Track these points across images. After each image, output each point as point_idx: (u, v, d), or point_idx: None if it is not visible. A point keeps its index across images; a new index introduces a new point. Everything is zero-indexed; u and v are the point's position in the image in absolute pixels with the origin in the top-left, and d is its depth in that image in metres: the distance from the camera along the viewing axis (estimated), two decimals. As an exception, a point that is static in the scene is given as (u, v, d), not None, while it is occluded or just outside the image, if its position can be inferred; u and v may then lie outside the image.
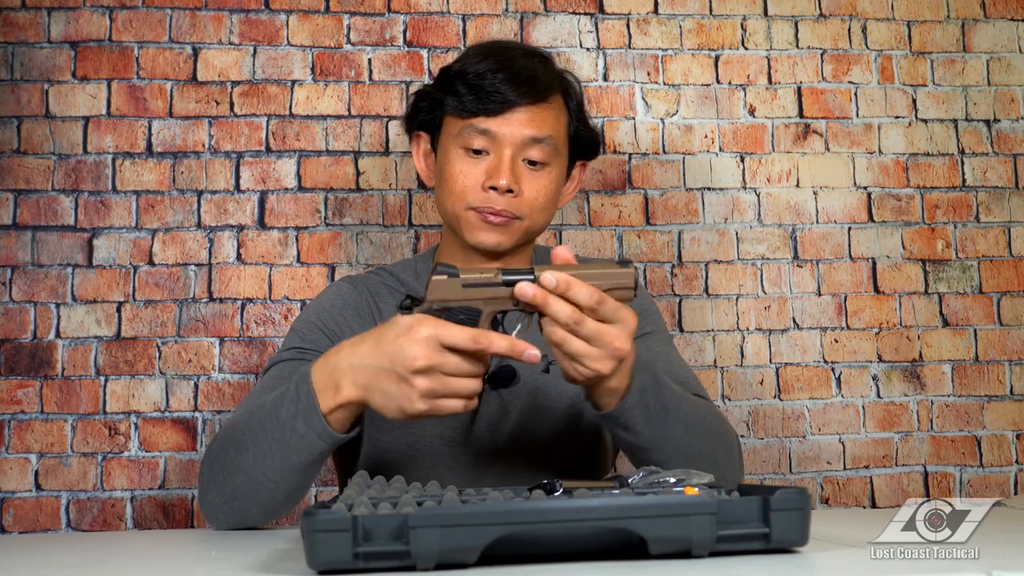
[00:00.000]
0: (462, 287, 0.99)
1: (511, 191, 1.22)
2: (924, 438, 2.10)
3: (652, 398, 1.07)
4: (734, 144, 2.14)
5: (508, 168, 1.22)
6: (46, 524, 1.93)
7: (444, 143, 1.28)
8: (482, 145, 1.23)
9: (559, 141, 1.27)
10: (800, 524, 0.77)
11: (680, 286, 2.10)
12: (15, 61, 2.03)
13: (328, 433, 1.02)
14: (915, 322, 2.12)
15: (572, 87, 1.32)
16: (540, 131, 1.24)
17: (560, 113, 1.28)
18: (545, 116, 1.25)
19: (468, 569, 0.74)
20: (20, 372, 1.96)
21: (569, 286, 0.95)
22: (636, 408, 1.05)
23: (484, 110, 1.22)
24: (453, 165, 1.25)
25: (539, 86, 1.24)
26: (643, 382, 1.06)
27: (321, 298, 1.34)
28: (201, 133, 2.05)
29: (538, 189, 1.25)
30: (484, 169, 1.24)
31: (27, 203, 2.00)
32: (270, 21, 2.09)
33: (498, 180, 1.22)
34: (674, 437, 1.09)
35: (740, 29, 2.18)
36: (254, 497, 1.08)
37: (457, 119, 1.25)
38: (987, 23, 2.22)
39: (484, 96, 1.22)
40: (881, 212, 2.15)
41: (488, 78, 1.23)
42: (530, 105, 1.24)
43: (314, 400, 1.01)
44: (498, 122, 1.23)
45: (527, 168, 1.25)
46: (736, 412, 2.08)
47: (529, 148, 1.24)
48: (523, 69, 1.24)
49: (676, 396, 1.11)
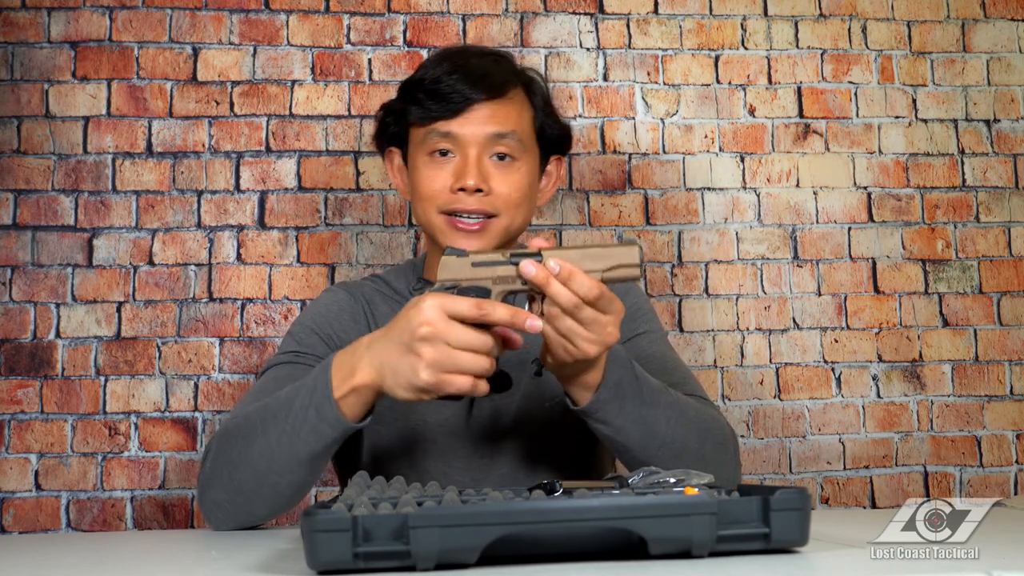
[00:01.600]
0: (471, 266, 1.01)
1: (480, 190, 1.23)
2: (924, 438, 2.10)
3: (629, 392, 1.07)
4: (734, 144, 2.14)
5: (474, 167, 1.23)
6: (46, 524, 1.93)
7: (412, 153, 1.29)
8: (446, 147, 1.25)
9: (524, 136, 1.28)
10: (800, 524, 0.77)
11: (680, 286, 2.10)
12: (15, 61, 2.03)
13: (339, 420, 1.02)
14: (915, 322, 2.12)
15: (535, 82, 1.33)
16: (502, 126, 1.25)
17: (523, 108, 1.29)
18: (507, 111, 1.26)
19: (468, 569, 0.74)
20: (20, 372, 1.96)
21: (571, 276, 0.96)
22: (612, 402, 1.06)
23: (444, 112, 1.24)
24: (420, 172, 1.26)
25: (495, 81, 1.25)
26: (619, 376, 1.06)
27: (318, 303, 1.35)
28: (201, 133, 2.05)
29: (509, 185, 1.26)
30: (451, 171, 1.25)
31: (27, 203, 2.00)
32: (270, 21, 2.09)
33: (465, 180, 1.22)
34: (657, 433, 1.09)
35: (740, 29, 2.18)
36: (259, 491, 1.08)
37: (420, 127, 1.26)
38: (987, 23, 2.22)
39: (442, 98, 1.23)
40: (881, 212, 2.15)
41: (444, 80, 1.24)
42: (489, 101, 1.24)
43: (329, 388, 1.01)
44: (459, 122, 1.24)
45: (495, 165, 1.25)
46: (736, 412, 2.08)
47: (494, 144, 1.25)
48: (477, 67, 1.26)
49: (655, 390, 1.11)
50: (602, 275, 0.99)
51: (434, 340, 0.94)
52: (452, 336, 0.94)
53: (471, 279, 1.01)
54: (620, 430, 1.08)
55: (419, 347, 0.94)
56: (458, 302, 0.95)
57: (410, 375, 0.96)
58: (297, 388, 1.06)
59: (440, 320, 0.94)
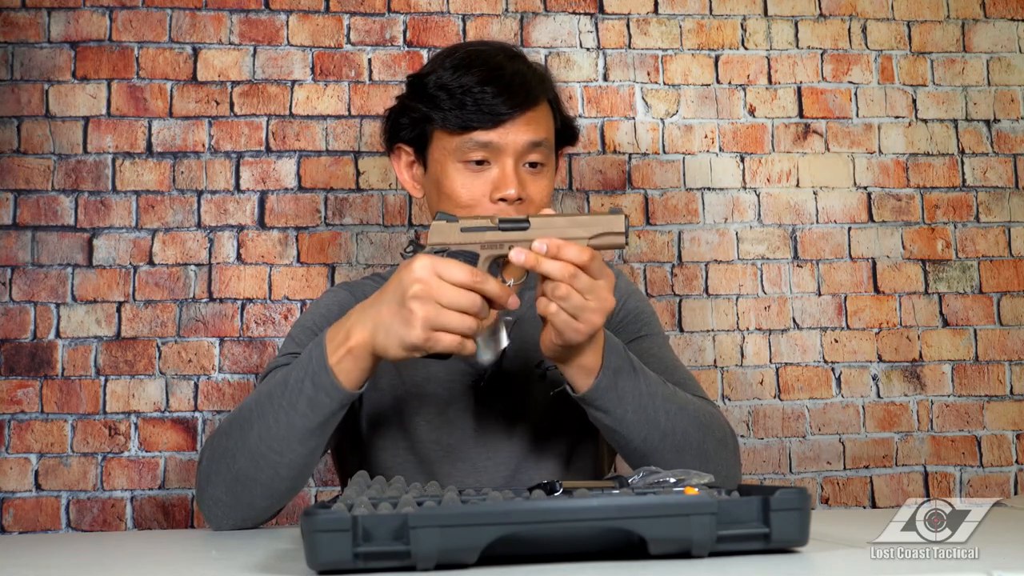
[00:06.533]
0: (460, 231, 1.04)
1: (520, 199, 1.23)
2: (924, 438, 2.10)
3: (627, 380, 1.08)
4: (734, 144, 2.14)
5: (514, 177, 1.22)
6: (46, 524, 1.93)
7: (437, 157, 1.27)
8: (483, 156, 1.23)
9: (552, 140, 1.29)
10: (800, 524, 0.77)
11: (680, 286, 2.10)
12: (15, 61, 2.03)
13: (335, 387, 1.03)
14: (915, 322, 2.12)
15: (548, 82, 1.32)
16: (538, 135, 1.25)
17: (548, 112, 1.29)
18: (539, 119, 1.26)
19: (468, 569, 0.74)
20: (20, 372, 1.96)
21: (559, 249, 0.99)
22: (612, 389, 1.07)
23: (481, 124, 1.22)
24: (454, 180, 1.24)
25: (532, 94, 1.24)
26: (617, 364, 1.08)
27: (319, 303, 1.35)
28: (201, 133, 2.05)
29: (540, 190, 1.26)
30: (489, 180, 1.23)
31: (27, 203, 2.00)
32: (270, 21, 2.09)
33: (507, 191, 1.22)
34: (658, 424, 1.09)
35: (740, 29, 2.18)
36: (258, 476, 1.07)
37: (453, 135, 1.24)
38: (987, 23, 2.22)
39: (478, 111, 1.22)
40: (881, 212, 2.15)
41: (477, 91, 1.22)
42: (526, 112, 1.24)
43: (324, 358, 1.03)
44: (498, 133, 1.22)
45: (528, 172, 1.25)
46: (736, 412, 2.08)
47: (529, 153, 1.24)
48: (513, 78, 1.24)
49: (654, 381, 1.12)
50: (588, 242, 1.02)
51: (425, 298, 0.97)
52: (443, 295, 0.97)
53: (460, 244, 1.04)
54: (621, 420, 1.09)
55: (411, 304, 0.97)
56: (453, 267, 0.98)
57: (402, 331, 0.98)
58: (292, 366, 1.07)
59: (432, 279, 0.97)
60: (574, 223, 1.02)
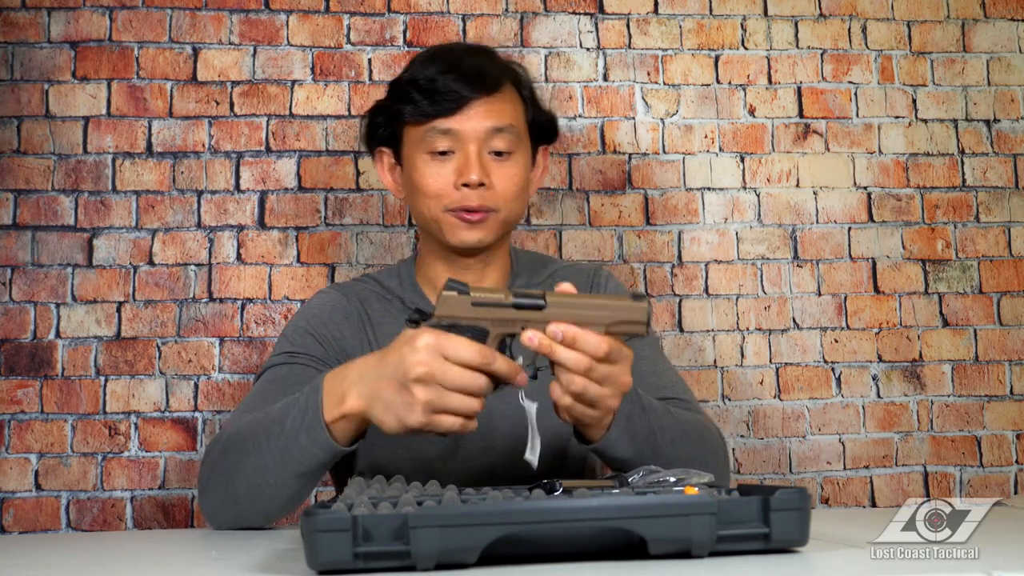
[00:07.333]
0: (471, 305, 0.97)
1: (483, 184, 1.25)
2: (924, 438, 2.10)
3: (639, 425, 1.08)
4: (734, 144, 2.14)
5: (476, 162, 1.25)
6: (46, 524, 1.93)
7: (408, 152, 1.31)
8: (447, 145, 1.26)
9: (520, 128, 1.30)
10: (800, 524, 0.77)
11: (680, 286, 2.10)
12: (15, 61, 2.03)
13: (330, 445, 1.03)
14: (915, 322, 2.12)
15: (520, 75, 1.35)
16: (500, 120, 1.27)
17: (515, 101, 1.31)
18: (502, 106, 1.28)
19: (468, 569, 0.74)
20: (20, 372, 1.96)
21: (575, 339, 0.94)
22: (623, 438, 1.07)
23: (442, 111, 1.25)
24: (421, 171, 1.28)
25: (490, 78, 1.27)
26: (628, 410, 1.07)
27: (310, 304, 1.36)
28: (201, 133, 2.05)
29: (507, 178, 1.28)
30: (453, 168, 1.26)
31: (27, 203, 2.00)
32: (270, 21, 2.09)
33: (469, 176, 1.24)
34: (662, 453, 1.11)
35: (740, 29, 2.18)
36: (255, 503, 1.10)
37: (417, 126, 1.28)
38: (987, 23, 2.22)
39: (439, 97, 1.25)
40: (881, 212, 2.15)
41: (439, 80, 1.26)
42: (485, 97, 1.26)
43: (320, 412, 1.02)
44: (458, 119, 1.25)
45: (494, 160, 1.28)
46: (736, 412, 2.08)
47: (492, 139, 1.27)
48: (471, 64, 1.28)
49: (660, 415, 1.13)
50: (606, 329, 0.96)
51: (428, 381, 0.93)
52: (447, 378, 0.93)
53: (470, 319, 0.97)
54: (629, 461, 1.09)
55: (413, 387, 0.94)
56: (460, 346, 0.93)
57: (402, 413, 0.95)
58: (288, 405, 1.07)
59: (435, 360, 0.93)
60: (593, 306, 0.97)
